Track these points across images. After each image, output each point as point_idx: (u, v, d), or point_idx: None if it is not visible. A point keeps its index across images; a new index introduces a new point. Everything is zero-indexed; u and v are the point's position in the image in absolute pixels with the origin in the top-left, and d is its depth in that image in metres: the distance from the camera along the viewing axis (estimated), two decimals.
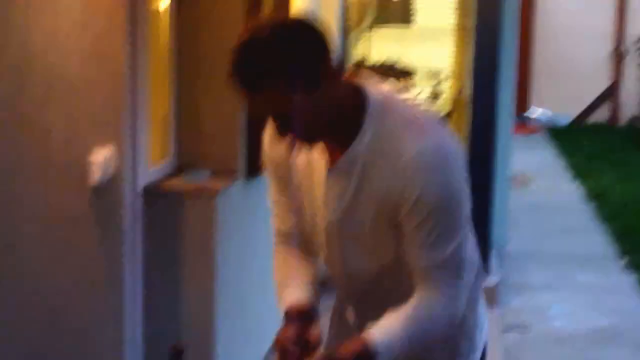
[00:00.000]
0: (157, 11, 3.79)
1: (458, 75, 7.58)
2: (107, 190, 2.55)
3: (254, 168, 4.19)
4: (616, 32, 15.15)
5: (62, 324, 2.34)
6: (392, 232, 1.82)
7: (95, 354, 2.56)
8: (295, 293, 1.97)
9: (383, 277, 1.95)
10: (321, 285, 2.04)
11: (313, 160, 1.87)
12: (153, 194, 3.71)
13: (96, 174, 2.43)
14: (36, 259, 2.16)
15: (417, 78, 8.37)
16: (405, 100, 1.83)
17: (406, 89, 8.73)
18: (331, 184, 1.83)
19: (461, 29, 7.25)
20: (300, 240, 2.07)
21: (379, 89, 1.81)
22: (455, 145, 1.79)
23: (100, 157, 2.45)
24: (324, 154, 1.82)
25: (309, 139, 1.73)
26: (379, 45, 9.68)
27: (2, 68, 1.92)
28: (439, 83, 8.53)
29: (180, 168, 4.11)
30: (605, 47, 15.37)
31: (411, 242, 1.78)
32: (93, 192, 2.47)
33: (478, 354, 2.10)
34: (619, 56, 15.12)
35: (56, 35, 2.13)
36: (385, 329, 1.78)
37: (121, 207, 2.68)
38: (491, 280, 6.12)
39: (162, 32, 3.72)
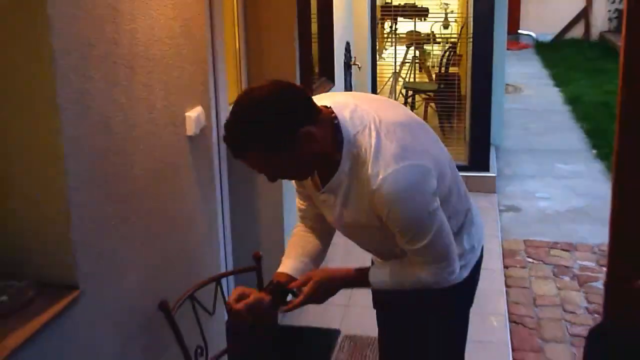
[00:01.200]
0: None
1: (462, 8, 7.57)
2: (199, 138, 2.72)
3: None
4: None
5: (171, 245, 2.55)
6: (377, 224, 1.98)
7: (198, 265, 2.77)
8: (290, 263, 2.29)
9: (379, 245, 2.26)
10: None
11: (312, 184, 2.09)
12: None
13: (192, 127, 2.60)
14: (148, 199, 2.34)
15: (429, 14, 8.34)
16: (372, 131, 1.85)
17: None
18: (322, 201, 2.07)
19: None
20: (311, 224, 2.36)
21: (350, 121, 1.89)
22: (412, 173, 1.84)
23: (194, 115, 2.62)
24: (313, 180, 2.05)
25: (300, 177, 2.10)
26: None
27: (117, 60, 2.07)
28: (447, 17, 8.47)
29: None
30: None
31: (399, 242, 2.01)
32: (190, 140, 2.64)
33: (471, 263, 2.28)
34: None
35: (153, 30, 2.30)
36: (379, 270, 2.17)
37: (210, 150, 2.85)
38: (491, 173, 6.46)
39: (230, 7, 3.83)
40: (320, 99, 1.96)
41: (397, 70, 9.03)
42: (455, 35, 8.63)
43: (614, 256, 2.22)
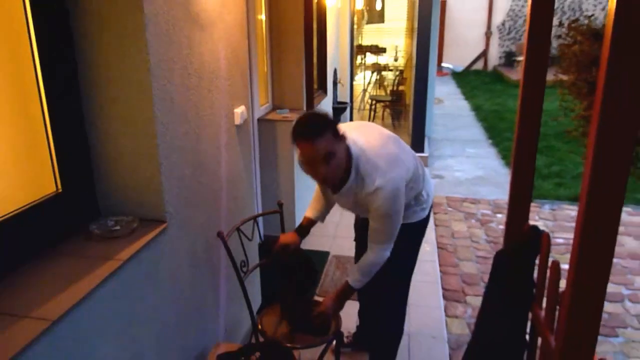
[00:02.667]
0: (262, 25, 3.82)
1: (407, 50, 7.52)
2: (243, 127, 2.64)
3: (309, 106, 4.27)
4: (486, 22, 15.27)
5: (226, 195, 2.49)
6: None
7: (243, 208, 2.71)
8: (311, 211, 2.31)
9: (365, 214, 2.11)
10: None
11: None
12: (262, 121, 3.86)
13: (238, 119, 2.53)
14: (211, 164, 2.29)
15: (387, 52, 8.33)
16: (368, 154, 1.90)
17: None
18: (337, 198, 2.09)
19: (410, 27, 7.22)
20: (324, 193, 2.26)
21: (356, 144, 1.92)
22: (397, 181, 1.89)
23: (239, 111, 2.54)
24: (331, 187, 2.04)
25: (333, 180, 1.94)
26: (367, 35, 9.62)
27: (190, 72, 1.99)
28: (397, 53, 8.44)
29: (274, 108, 4.21)
30: (481, 30, 15.87)
31: (370, 222, 2.01)
32: (237, 128, 2.56)
33: (428, 207, 2.33)
34: (487, 35, 15.67)
35: (214, 53, 2.24)
36: (352, 276, 2.11)
37: (250, 135, 2.77)
38: (425, 154, 6.38)
39: (261, 38, 3.75)
40: None
41: (366, 87, 9.17)
42: (402, 66, 8.63)
43: (511, 206, 2.17)
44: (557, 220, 4.77)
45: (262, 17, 3.88)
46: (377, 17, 9.53)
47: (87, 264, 1.57)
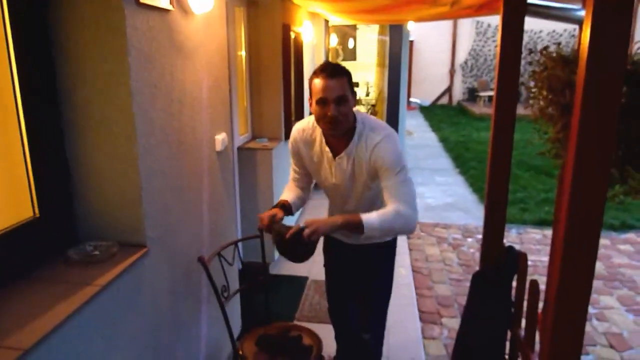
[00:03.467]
0: (241, 60, 3.80)
1: (378, 84, 7.62)
2: (223, 153, 2.56)
3: (288, 136, 4.26)
4: (450, 60, 15.75)
5: (207, 220, 2.38)
6: (370, 182, 1.90)
7: (223, 233, 2.60)
8: (287, 196, 2.08)
9: (358, 204, 2.01)
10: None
11: (323, 152, 1.94)
12: (242, 150, 3.79)
13: (219, 146, 2.45)
14: (193, 189, 2.19)
15: (359, 86, 8.43)
16: (370, 116, 1.92)
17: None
18: (337, 164, 1.91)
19: (380, 63, 7.34)
20: (298, 184, 2.15)
21: (359, 112, 1.91)
22: (395, 136, 1.87)
23: (220, 137, 2.47)
24: (329, 150, 1.91)
25: (344, 125, 1.82)
26: None
27: (173, 97, 1.92)
28: (369, 88, 8.52)
29: (254, 137, 4.15)
30: (446, 68, 16.27)
31: (385, 182, 1.82)
32: (218, 154, 2.48)
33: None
34: (451, 72, 16.07)
35: (196, 80, 2.16)
36: (369, 215, 1.76)
37: (231, 161, 2.68)
38: None
39: (241, 72, 3.71)
40: None
41: None
42: (374, 100, 8.69)
43: (487, 229, 2.13)
44: (523, 243, 4.77)
45: (242, 52, 3.86)
46: (349, 54, 9.70)
47: (64, 289, 1.45)
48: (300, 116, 5.16)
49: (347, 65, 1.90)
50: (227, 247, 2.30)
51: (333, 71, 1.76)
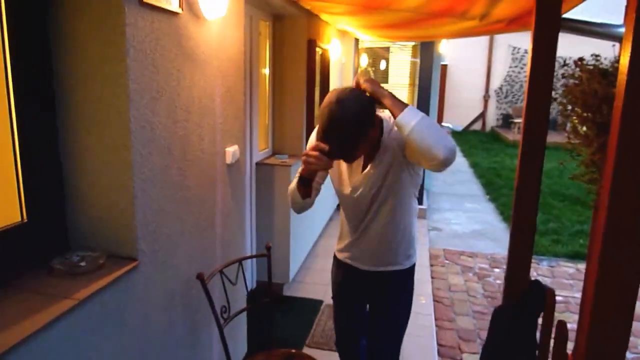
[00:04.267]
0: (265, 74, 3.73)
1: (409, 103, 7.55)
2: (234, 166, 2.44)
3: None
4: (485, 86, 15.56)
5: (211, 234, 2.27)
6: (404, 168, 1.75)
7: (230, 249, 2.46)
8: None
9: (380, 218, 1.87)
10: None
11: (342, 164, 1.86)
12: (261, 165, 3.68)
13: (229, 158, 2.34)
14: (197, 202, 2.07)
15: None
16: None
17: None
18: (365, 174, 1.80)
19: (411, 84, 7.21)
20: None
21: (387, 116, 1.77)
22: None
23: (231, 150, 2.36)
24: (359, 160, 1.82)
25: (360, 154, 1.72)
26: None
27: (178, 104, 1.83)
28: None
29: (274, 153, 4.05)
30: (480, 93, 16.07)
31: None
32: (228, 167, 2.36)
33: (417, 256, 2.04)
34: (485, 97, 15.86)
35: (206, 88, 2.04)
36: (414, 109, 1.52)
37: (242, 175, 2.56)
38: (424, 206, 6.12)
39: (264, 87, 3.63)
40: None
41: None
42: None
43: (511, 260, 1.94)
44: (555, 277, 4.47)
45: (266, 70, 3.79)
46: (381, 77, 9.60)
47: (40, 301, 1.34)
48: None
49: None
50: (230, 265, 2.17)
51: (328, 134, 1.53)
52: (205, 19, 1.99)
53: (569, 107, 1.51)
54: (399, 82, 9.70)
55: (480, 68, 15.13)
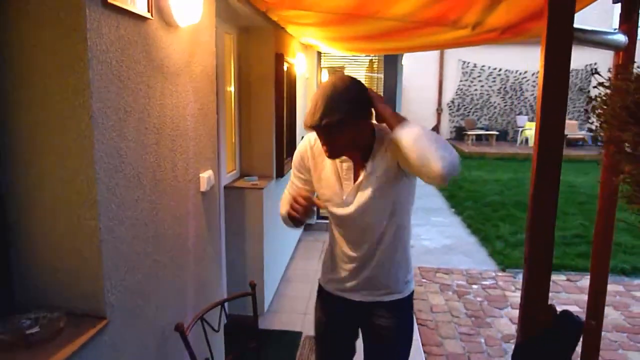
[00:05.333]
0: (230, 91, 3.45)
1: None
2: (209, 193, 2.15)
3: (279, 174, 3.89)
4: (437, 100, 15.75)
5: (187, 275, 1.95)
6: (396, 182, 1.57)
7: (207, 291, 2.16)
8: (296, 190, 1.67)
9: (374, 223, 1.64)
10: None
11: (334, 169, 1.62)
12: (229, 189, 3.38)
13: (204, 185, 2.05)
14: (171, 238, 1.78)
15: None
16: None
17: None
18: (365, 177, 1.57)
19: None
20: None
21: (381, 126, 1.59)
22: None
23: (206, 175, 2.07)
24: (349, 165, 1.60)
25: (342, 153, 1.56)
26: None
27: (148, 126, 1.54)
28: None
29: (242, 175, 3.75)
30: (433, 107, 16.02)
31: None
32: (202, 195, 2.08)
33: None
34: (438, 111, 15.80)
35: (178, 105, 1.76)
36: (413, 124, 1.42)
37: (217, 203, 2.27)
38: None
39: (229, 103, 3.36)
40: None
41: None
42: None
43: (529, 286, 1.74)
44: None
45: (231, 89, 3.52)
46: None
47: None
48: (292, 154, 4.81)
49: None
50: (211, 309, 1.87)
51: (316, 118, 1.42)
52: (177, 26, 1.71)
53: (600, 120, 1.34)
54: None
55: (433, 82, 15.38)
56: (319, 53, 6.24)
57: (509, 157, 12.40)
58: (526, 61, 14.04)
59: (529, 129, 13.80)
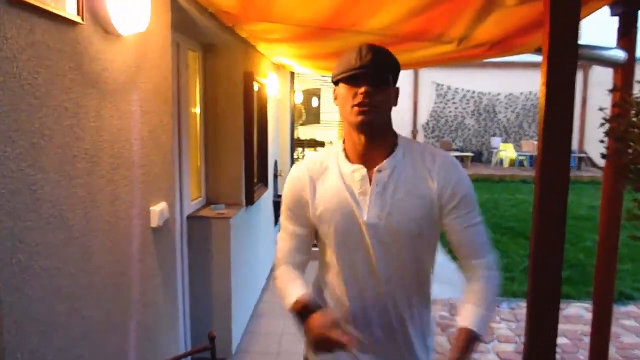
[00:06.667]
0: (195, 112, 3.17)
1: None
2: (163, 230, 1.86)
3: (249, 201, 3.60)
4: (412, 121, 15.71)
5: (132, 330, 1.62)
6: (424, 222, 1.23)
7: (160, 346, 1.84)
8: (300, 291, 1.23)
9: (394, 273, 1.26)
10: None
11: (346, 175, 1.26)
12: (193, 219, 3.06)
13: (156, 220, 1.76)
14: (109, 288, 1.47)
15: (325, 146, 8.16)
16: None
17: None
18: (377, 183, 1.23)
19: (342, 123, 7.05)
20: (299, 257, 1.33)
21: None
22: None
23: (158, 209, 1.78)
24: (362, 174, 1.25)
25: (375, 118, 1.22)
26: (305, 131, 9.45)
27: (78, 153, 1.25)
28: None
29: (208, 203, 3.44)
30: (408, 128, 15.82)
31: (462, 223, 1.22)
32: (154, 232, 1.79)
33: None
34: (414, 132, 15.65)
35: (121, 128, 1.47)
36: (472, 314, 1.19)
37: (173, 240, 1.98)
38: None
39: (195, 126, 3.08)
40: None
41: None
42: None
43: (531, 329, 1.52)
44: (519, 321, 4.16)
45: (197, 110, 3.25)
46: (313, 117, 9.37)
47: None
48: (264, 179, 4.53)
49: (311, 128, 1.30)
50: None
51: (370, 57, 1.20)
52: (118, 34, 1.44)
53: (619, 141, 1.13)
54: (330, 119, 9.56)
55: (408, 104, 15.40)
56: (292, 74, 6.03)
57: (484, 178, 12.38)
58: (499, 84, 14.21)
59: (504, 151, 13.87)
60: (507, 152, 13.77)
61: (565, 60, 1.43)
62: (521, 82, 14.17)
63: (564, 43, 1.42)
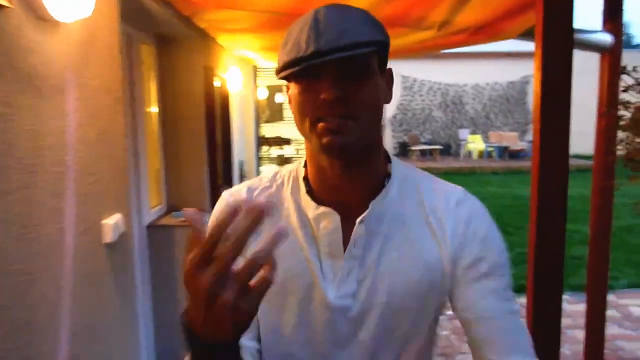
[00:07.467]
0: (152, 112, 2.97)
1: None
2: (118, 245, 1.68)
3: (214, 205, 3.38)
4: None
5: (90, 352, 1.43)
6: (425, 302, 0.75)
7: None
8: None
9: None
10: None
11: (309, 223, 0.77)
12: (153, 228, 2.87)
13: (109, 235, 1.58)
14: (57, 319, 1.27)
15: (291, 144, 8.00)
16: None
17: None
18: (355, 238, 0.75)
19: None
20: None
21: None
22: None
23: (112, 222, 1.60)
24: (333, 222, 0.75)
25: (352, 137, 0.70)
26: (269, 129, 9.31)
27: (12, 163, 1.08)
28: (299, 146, 8.16)
29: (170, 210, 3.24)
30: None
31: (486, 306, 0.72)
32: (108, 248, 1.60)
33: None
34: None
35: (63, 132, 1.29)
36: None
37: (131, 255, 1.80)
38: None
39: (152, 126, 2.88)
40: None
41: None
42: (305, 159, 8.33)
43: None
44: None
45: (154, 109, 3.06)
46: (276, 114, 9.24)
47: None
48: (229, 180, 4.36)
49: (275, 126, 1.11)
50: None
51: (330, 37, 0.65)
52: (56, 22, 1.26)
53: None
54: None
55: None
56: (255, 68, 5.86)
57: (454, 171, 12.49)
58: (466, 74, 14.36)
59: (472, 143, 14.05)
60: (475, 143, 13.96)
61: (560, 42, 1.34)
62: (487, 73, 14.38)
63: (558, 24, 1.34)
